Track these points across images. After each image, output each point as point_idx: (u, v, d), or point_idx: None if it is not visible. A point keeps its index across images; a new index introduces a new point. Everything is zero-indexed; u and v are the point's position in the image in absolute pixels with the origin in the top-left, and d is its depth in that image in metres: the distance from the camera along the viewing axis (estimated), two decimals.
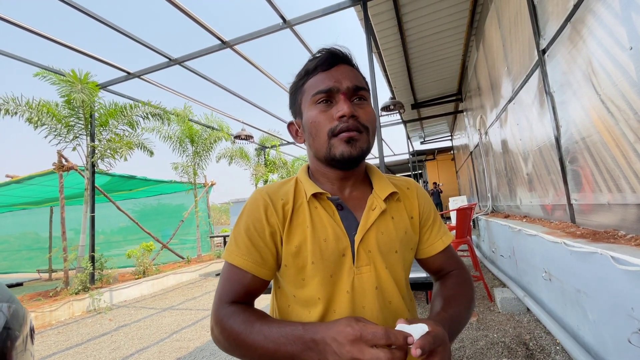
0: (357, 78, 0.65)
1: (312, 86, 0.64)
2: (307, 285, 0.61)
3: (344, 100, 0.61)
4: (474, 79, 5.39)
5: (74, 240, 5.75)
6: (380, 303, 0.62)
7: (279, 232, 0.63)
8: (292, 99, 0.71)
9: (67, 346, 3.25)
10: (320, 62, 0.64)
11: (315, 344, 0.48)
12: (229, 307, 0.58)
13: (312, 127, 0.63)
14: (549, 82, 2.42)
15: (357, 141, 0.61)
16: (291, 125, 0.73)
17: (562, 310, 2.17)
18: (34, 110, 5.10)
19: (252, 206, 0.65)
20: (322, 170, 0.68)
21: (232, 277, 0.61)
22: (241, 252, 0.61)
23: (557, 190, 2.57)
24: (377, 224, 0.65)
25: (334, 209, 0.65)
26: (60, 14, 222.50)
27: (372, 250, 0.63)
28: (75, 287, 4.74)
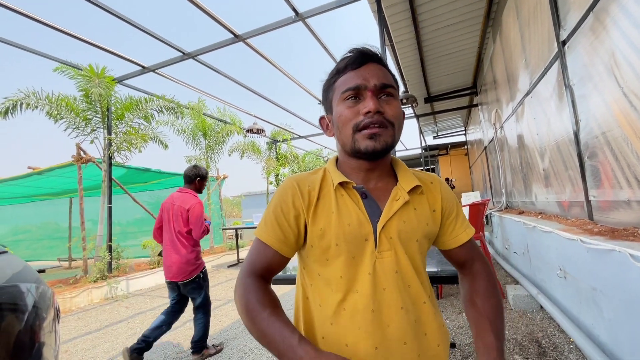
0: (385, 76, 0.68)
1: (342, 84, 0.68)
2: (331, 265, 0.67)
3: (370, 97, 0.65)
4: (490, 72, 5.26)
5: (92, 230, 5.94)
6: (400, 286, 0.66)
7: (303, 215, 0.69)
8: (324, 96, 0.76)
9: (87, 331, 3.39)
10: (350, 62, 0.68)
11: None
12: (253, 278, 0.67)
13: (339, 121, 0.68)
14: (569, 74, 2.34)
15: (381, 136, 0.65)
16: (322, 119, 0.78)
17: (577, 308, 2.13)
18: (54, 104, 5.25)
19: (282, 191, 0.72)
20: (348, 162, 0.73)
21: (259, 251, 0.69)
22: (267, 230, 0.69)
23: (575, 186, 2.51)
24: (400, 213, 0.69)
25: (358, 197, 0.69)
26: (76, 8, 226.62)
27: (393, 237, 0.67)
28: (94, 276, 4.91)
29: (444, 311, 2.95)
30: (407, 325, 0.65)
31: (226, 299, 4.21)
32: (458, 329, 2.57)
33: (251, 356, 2.46)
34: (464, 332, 2.49)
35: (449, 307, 3.04)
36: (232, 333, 2.98)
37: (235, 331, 3.02)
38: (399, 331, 0.64)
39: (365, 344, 0.62)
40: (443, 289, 3.47)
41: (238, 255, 7.31)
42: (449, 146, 14.77)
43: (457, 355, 2.17)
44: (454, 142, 13.82)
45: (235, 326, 3.16)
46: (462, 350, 2.22)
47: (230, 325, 3.19)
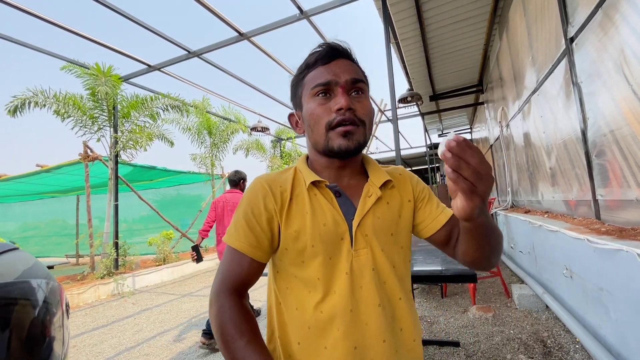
0: (355, 71, 0.67)
1: (312, 79, 0.66)
2: (307, 266, 0.65)
3: (342, 94, 0.64)
4: (496, 70, 5.20)
5: (99, 227, 6.01)
6: (376, 283, 0.65)
7: (277, 218, 0.66)
8: (293, 92, 0.74)
9: (94, 327, 3.44)
10: (320, 56, 0.66)
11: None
12: (229, 297, 0.62)
13: (310, 119, 0.66)
14: (577, 72, 2.31)
15: (354, 134, 0.64)
16: (292, 116, 0.76)
17: (583, 308, 2.11)
18: (61, 103, 5.31)
19: (251, 194, 0.68)
20: (320, 160, 0.71)
21: (232, 259, 0.65)
22: (239, 236, 0.65)
23: (582, 185, 2.48)
24: (374, 209, 0.68)
25: (332, 195, 0.68)
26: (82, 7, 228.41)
27: (368, 234, 0.66)
28: (101, 272, 4.98)
29: (448, 310, 2.95)
30: (384, 323, 0.64)
31: None
32: (463, 327, 2.56)
33: None
34: (468, 331, 2.48)
35: (454, 305, 3.04)
36: None
37: None
38: (378, 329, 0.63)
39: (344, 345, 0.62)
40: (447, 288, 3.46)
41: None
42: None
43: (462, 354, 2.16)
44: None
45: None
46: (467, 349, 2.21)
47: None
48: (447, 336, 2.44)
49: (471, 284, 3.07)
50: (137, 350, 2.73)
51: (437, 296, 3.34)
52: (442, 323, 2.68)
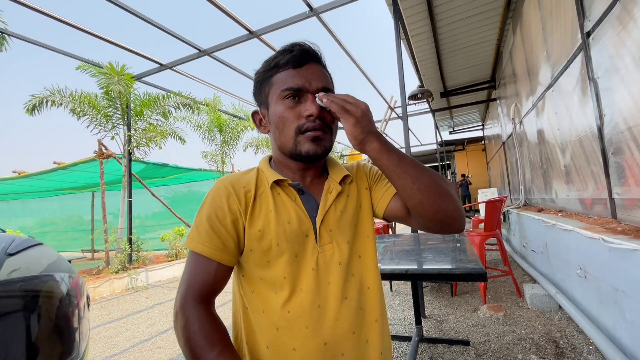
0: (325, 79, 0.68)
1: (282, 81, 0.66)
2: (273, 266, 0.64)
3: (312, 101, 0.64)
4: (509, 65, 5.10)
5: (113, 223, 6.16)
6: (344, 277, 0.66)
7: (241, 218, 0.65)
8: (258, 88, 0.72)
9: (109, 320, 3.54)
10: (292, 59, 0.66)
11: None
12: (196, 306, 0.59)
13: (279, 121, 0.66)
14: (593, 67, 2.25)
15: (322, 140, 0.65)
16: (255, 114, 0.74)
17: (598, 309, 2.07)
18: (77, 102, 5.45)
19: (214, 195, 0.66)
20: (284, 162, 0.71)
21: (196, 265, 0.63)
22: (202, 239, 0.62)
23: (598, 183, 2.42)
24: (335, 204, 0.69)
25: (295, 194, 0.68)
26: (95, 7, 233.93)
27: (332, 229, 0.67)
28: (116, 267, 5.11)
29: (458, 309, 2.93)
30: (353, 315, 0.65)
31: None
32: (473, 326, 2.54)
33: None
34: (479, 330, 2.46)
35: (464, 304, 3.01)
36: None
37: None
38: (347, 322, 0.64)
39: (314, 342, 0.61)
40: (457, 287, 3.44)
41: None
42: (465, 141, 14.46)
43: (471, 353, 2.15)
44: (470, 138, 13.53)
45: None
46: (477, 348, 2.20)
47: None
48: (456, 335, 2.43)
49: (482, 283, 3.04)
50: (151, 343, 2.81)
51: (446, 295, 3.32)
52: (452, 322, 2.67)
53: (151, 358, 2.51)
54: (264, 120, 0.72)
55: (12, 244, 0.45)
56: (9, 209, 10.84)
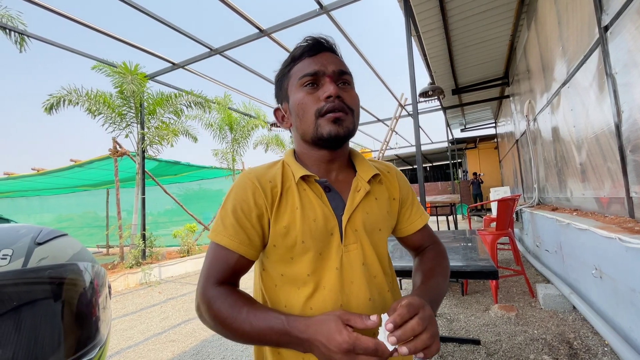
0: (341, 63, 0.68)
1: (299, 70, 0.66)
2: (296, 263, 0.64)
3: (330, 82, 0.64)
4: (523, 61, 4.99)
5: (127, 219, 6.31)
6: (367, 278, 0.66)
7: (267, 214, 0.64)
8: (278, 86, 0.73)
9: (124, 313, 3.63)
10: (306, 49, 0.67)
11: (301, 341, 0.51)
12: (216, 288, 0.59)
13: (299, 108, 0.65)
14: (611, 62, 2.19)
15: (344, 121, 0.64)
16: (277, 111, 0.74)
17: (613, 310, 2.02)
18: (92, 101, 5.58)
19: (240, 189, 0.66)
20: (308, 153, 0.70)
21: (219, 257, 0.62)
22: (228, 233, 0.62)
23: (615, 182, 2.36)
24: (363, 205, 0.68)
25: (321, 191, 0.67)
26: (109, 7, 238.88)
27: (358, 230, 0.66)
28: (130, 262, 5.23)
29: (469, 308, 2.90)
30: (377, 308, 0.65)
31: (252, 287, 4.35)
32: (484, 326, 2.52)
33: None
34: (490, 330, 2.44)
35: (474, 304, 2.99)
36: None
37: None
38: None
39: None
40: (468, 286, 3.40)
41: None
42: (477, 139, 14.24)
43: (482, 352, 2.13)
44: (483, 135, 13.31)
45: None
46: (488, 348, 2.18)
47: None
48: (467, 334, 2.41)
49: (493, 282, 3.01)
50: (164, 336, 2.87)
51: (457, 293, 3.29)
52: (463, 321, 2.65)
53: (164, 351, 2.58)
54: (286, 115, 0.72)
55: (41, 234, 0.48)
56: (27, 206, 11.19)
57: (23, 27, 4.41)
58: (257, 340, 0.54)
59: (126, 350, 2.65)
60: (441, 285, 0.67)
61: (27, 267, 0.43)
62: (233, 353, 2.44)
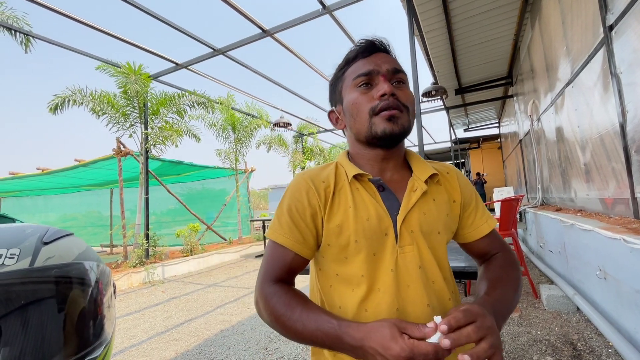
0: (395, 63, 0.67)
1: (353, 72, 0.67)
2: (350, 263, 0.63)
3: (384, 81, 0.64)
4: (527, 61, 4.97)
5: (130, 219, 6.33)
6: (424, 282, 0.62)
7: (320, 213, 0.64)
8: (332, 89, 0.74)
9: (127, 312, 3.66)
10: (360, 50, 0.67)
11: (354, 349, 0.50)
12: (273, 285, 0.61)
13: (353, 108, 0.66)
14: (616, 61, 2.18)
15: (399, 119, 0.63)
16: (331, 113, 0.76)
17: (618, 311, 2.01)
18: (96, 101, 5.62)
19: (294, 189, 0.67)
20: (362, 153, 0.70)
21: (276, 255, 0.64)
22: (284, 231, 0.64)
23: (620, 182, 2.35)
24: (419, 205, 0.65)
25: (375, 190, 0.66)
26: (112, 8, 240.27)
27: (414, 231, 0.63)
28: (133, 261, 5.26)
29: None
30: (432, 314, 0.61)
31: (254, 287, 4.36)
32: None
33: (278, 342, 2.56)
34: None
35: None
36: (260, 320, 3.10)
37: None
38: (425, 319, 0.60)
39: None
40: (471, 286, 3.39)
41: (264, 246, 7.52)
42: (480, 139, 14.17)
43: None
44: (486, 135, 13.25)
45: None
46: None
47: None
48: None
49: None
50: (167, 335, 2.89)
51: (460, 294, 3.28)
52: None
53: (168, 350, 2.59)
54: (340, 116, 0.72)
55: (47, 234, 0.48)
56: (32, 205, 11.28)
57: (28, 28, 4.45)
58: (310, 341, 0.55)
59: (130, 349, 2.67)
60: (509, 297, 0.61)
61: (34, 266, 0.44)
62: (236, 352, 2.45)
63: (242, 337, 2.72)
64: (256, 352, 2.42)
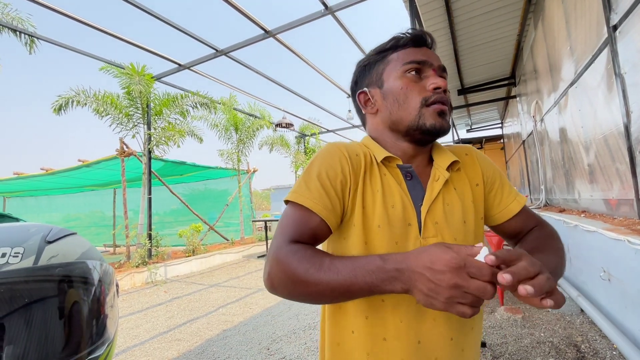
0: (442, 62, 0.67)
1: (403, 57, 0.64)
2: (370, 250, 0.60)
3: (436, 75, 0.63)
4: (530, 61, 4.95)
5: (133, 219, 6.37)
6: None
7: (349, 183, 0.61)
8: (367, 70, 0.70)
9: (130, 312, 3.67)
10: (412, 37, 0.65)
11: (400, 272, 0.45)
12: (291, 245, 0.54)
13: (401, 94, 0.63)
14: (620, 62, 2.16)
15: (446, 116, 0.62)
16: (362, 94, 0.70)
17: (622, 313, 1.99)
18: (100, 101, 5.65)
19: (327, 154, 0.63)
20: (393, 142, 0.67)
21: (299, 218, 0.57)
22: (312, 195, 0.58)
23: (624, 183, 2.33)
24: (443, 195, 0.63)
25: (401, 177, 0.64)
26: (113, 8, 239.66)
27: (439, 222, 0.61)
28: (136, 261, 5.28)
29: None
30: (454, 320, 0.59)
31: (256, 288, 4.37)
32: (489, 328, 2.50)
33: (280, 343, 2.56)
34: (495, 332, 2.42)
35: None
36: (262, 320, 3.10)
37: (264, 318, 3.14)
38: (446, 326, 0.58)
39: (407, 338, 0.57)
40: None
41: (267, 246, 7.53)
42: (483, 140, 14.11)
43: (488, 355, 2.12)
44: (489, 136, 13.18)
45: (265, 314, 3.28)
46: (493, 350, 2.16)
47: (260, 313, 3.32)
48: None
49: None
50: (170, 335, 2.90)
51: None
52: None
53: (170, 350, 2.60)
54: (372, 100, 0.68)
55: (51, 233, 0.49)
56: (36, 205, 11.36)
57: (33, 29, 4.48)
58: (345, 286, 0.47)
59: (132, 349, 2.68)
60: (552, 262, 0.56)
61: (38, 265, 0.44)
62: (238, 352, 2.45)
63: (244, 338, 2.72)
64: (258, 353, 2.42)
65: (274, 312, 3.30)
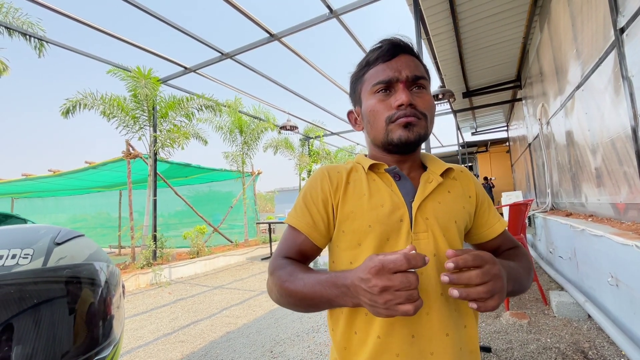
0: (417, 68, 0.66)
1: (372, 76, 0.66)
2: (364, 249, 0.63)
3: (402, 90, 0.63)
4: (536, 64, 4.92)
5: (138, 221, 6.41)
6: (438, 270, 0.61)
7: (331, 199, 0.67)
8: (352, 88, 0.74)
9: (135, 313, 3.69)
10: (381, 53, 0.66)
11: (347, 288, 0.50)
12: (281, 259, 0.65)
13: (370, 115, 0.67)
14: (627, 65, 2.15)
15: (415, 126, 0.63)
16: (351, 113, 0.77)
17: (630, 319, 1.96)
18: (107, 104, 5.72)
19: (312, 179, 0.72)
20: (379, 156, 0.72)
21: (289, 237, 0.68)
22: (297, 215, 0.68)
23: (632, 187, 2.30)
24: (435, 194, 0.66)
25: (391, 180, 0.67)
26: (121, 12, 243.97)
27: (429, 218, 0.63)
28: (141, 263, 5.31)
29: (480, 315, 2.85)
30: (448, 315, 0.60)
31: (260, 290, 4.37)
32: (494, 333, 2.47)
33: (283, 345, 2.55)
34: (501, 337, 2.39)
35: None
36: (265, 323, 3.10)
37: (268, 321, 3.14)
38: (440, 321, 0.59)
39: (401, 333, 0.59)
40: None
41: (271, 249, 7.54)
42: (488, 143, 14.03)
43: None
44: (494, 139, 13.11)
45: (268, 316, 3.28)
46: (499, 356, 2.14)
47: (264, 316, 3.32)
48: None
49: None
50: (174, 337, 2.91)
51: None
52: None
53: (174, 351, 2.60)
54: (359, 118, 0.74)
55: (59, 234, 0.50)
56: (43, 206, 11.49)
57: (42, 33, 4.56)
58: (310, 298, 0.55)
59: (137, 350, 2.69)
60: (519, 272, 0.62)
61: (47, 266, 0.45)
62: (241, 355, 2.45)
63: (248, 340, 2.72)
64: (261, 355, 2.42)
65: (278, 315, 3.30)
